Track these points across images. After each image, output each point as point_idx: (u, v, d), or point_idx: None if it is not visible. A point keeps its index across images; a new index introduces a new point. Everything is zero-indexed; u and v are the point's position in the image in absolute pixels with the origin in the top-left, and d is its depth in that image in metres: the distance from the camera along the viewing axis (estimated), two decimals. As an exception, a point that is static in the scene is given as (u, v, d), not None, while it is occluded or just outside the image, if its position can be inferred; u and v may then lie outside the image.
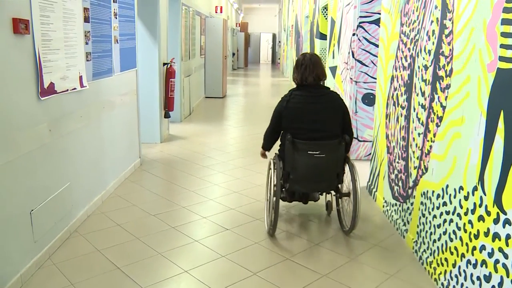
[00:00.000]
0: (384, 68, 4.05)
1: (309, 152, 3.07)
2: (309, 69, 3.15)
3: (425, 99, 3.03)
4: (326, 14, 8.24)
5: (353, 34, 5.44)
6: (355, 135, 5.56)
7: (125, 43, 4.50)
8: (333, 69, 6.77)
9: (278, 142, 3.37)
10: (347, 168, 3.28)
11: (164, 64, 6.34)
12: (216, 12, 13.52)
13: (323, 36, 8.34)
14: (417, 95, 3.17)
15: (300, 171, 3.12)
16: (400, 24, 3.64)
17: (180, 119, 7.85)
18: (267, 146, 3.40)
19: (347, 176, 3.29)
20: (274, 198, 3.17)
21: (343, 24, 6.06)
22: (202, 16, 10.57)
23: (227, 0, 18.34)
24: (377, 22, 5.33)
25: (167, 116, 6.43)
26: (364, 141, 5.63)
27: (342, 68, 6.12)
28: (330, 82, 7.02)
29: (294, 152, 3.10)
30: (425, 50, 3.07)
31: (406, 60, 3.44)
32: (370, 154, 5.54)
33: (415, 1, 3.30)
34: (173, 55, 7.27)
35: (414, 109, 3.23)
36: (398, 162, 3.58)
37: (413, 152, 3.23)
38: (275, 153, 3.38)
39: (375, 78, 5.40)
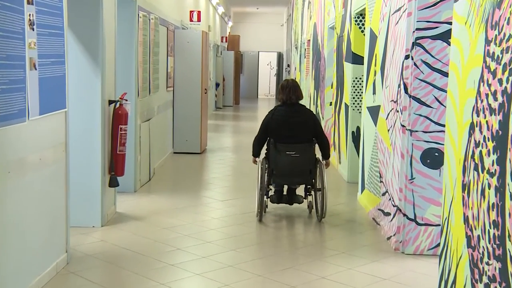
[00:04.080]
0: (458, 111, 4.03)
1: (287, 152, 6.34)
2: (292, 91, 6.45)
3: (532, 162, 2.95)
4: (363, 25, 8.35)
5: (407, 57, 5.48)
6: (411, 216, 5.59)
7: (49, 70, 4.51)
8: (374, 111, 6.82)
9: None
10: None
11: (111, 102, 6.39)
12: (191, 21, 13.75)
13: (357, 59, 8.48)
14: (517, 154, 3.13)
15: (281, 167, 6.42)
16: (485, 41, 3.63)
17: (134, 188, 7.85)
18: (256, 152, 6.73)
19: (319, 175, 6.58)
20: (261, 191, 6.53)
21: (391, 41, 6.12)
22: (170, 27, 10.75)
23: (208, 2, 18.70)
24: (445, 37, 5.37)
25: (113, 184, 6.44)
26: (426, 224, 5.58)
27: (388, 109, 6.14)
28: (369, 130, 6.96)
29: (276, 152, 6.38)
30: (528, 83, 3.02)
31: (496, 99, 3.41)
32: (438, 246, 5.41)
33: None
34: (124, 88, 7.31)
35: (513, 176, 3.17)
36: (488, 264, 3.49)
37: (514, 247, 3.15)
38: (264, 156, 6.64)
39: (443, 126, 5.40)
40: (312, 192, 6.75)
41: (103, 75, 6.10)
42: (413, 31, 5.39)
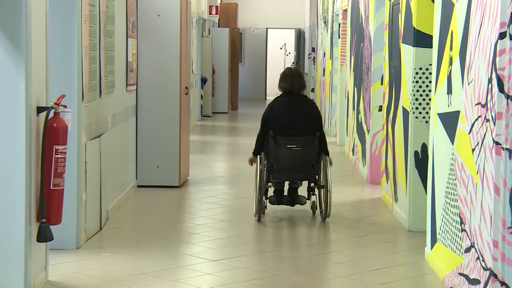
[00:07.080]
0: None
1: (287, 145, 8.83)
2: (295, 80, 9.10)
3: None
4: (431, -14, 8.33)
5: (502, 35, 5.46)
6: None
7: None
8: (450, 120, 6.87)
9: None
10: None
11: (41, 110, 6.41)
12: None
13: (422, 39, 8.59)
14: None
15: (281, 162, 8.90)
16: None
17: (77, 242, 7.89)
18: (258, 149, 9.17)
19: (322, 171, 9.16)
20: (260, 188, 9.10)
21: (476, 10, 6.13)
22: (131, -6, 10.74)
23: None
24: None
25: (44, 237, 6.44)
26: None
27: (473, 117, 6.16)
28: (442, 150, 6.93)
29: (276, 146, 8.84)
30: None
31: None
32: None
33: None
34: (62, 89, 7.29)
35: None
36: None
37: None
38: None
39: None
40: (316, 190, 9.23)
41: (28, 69, 6.07)
42: (512, -3, 5.37)
